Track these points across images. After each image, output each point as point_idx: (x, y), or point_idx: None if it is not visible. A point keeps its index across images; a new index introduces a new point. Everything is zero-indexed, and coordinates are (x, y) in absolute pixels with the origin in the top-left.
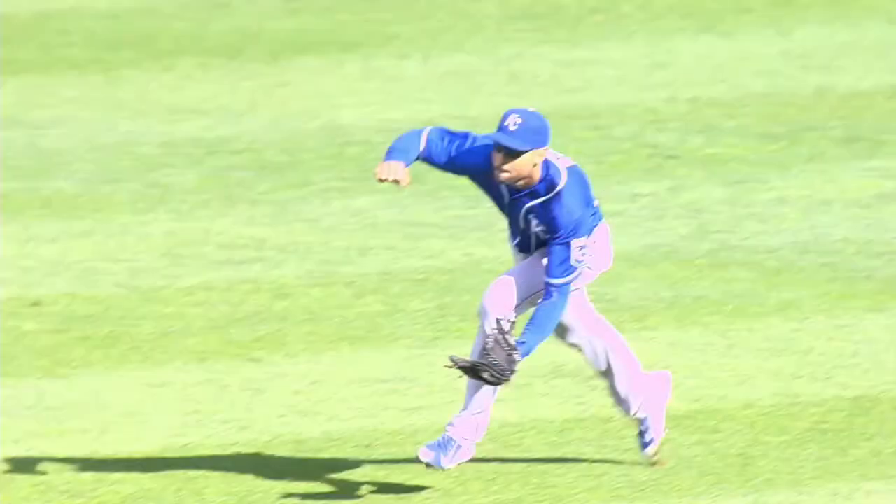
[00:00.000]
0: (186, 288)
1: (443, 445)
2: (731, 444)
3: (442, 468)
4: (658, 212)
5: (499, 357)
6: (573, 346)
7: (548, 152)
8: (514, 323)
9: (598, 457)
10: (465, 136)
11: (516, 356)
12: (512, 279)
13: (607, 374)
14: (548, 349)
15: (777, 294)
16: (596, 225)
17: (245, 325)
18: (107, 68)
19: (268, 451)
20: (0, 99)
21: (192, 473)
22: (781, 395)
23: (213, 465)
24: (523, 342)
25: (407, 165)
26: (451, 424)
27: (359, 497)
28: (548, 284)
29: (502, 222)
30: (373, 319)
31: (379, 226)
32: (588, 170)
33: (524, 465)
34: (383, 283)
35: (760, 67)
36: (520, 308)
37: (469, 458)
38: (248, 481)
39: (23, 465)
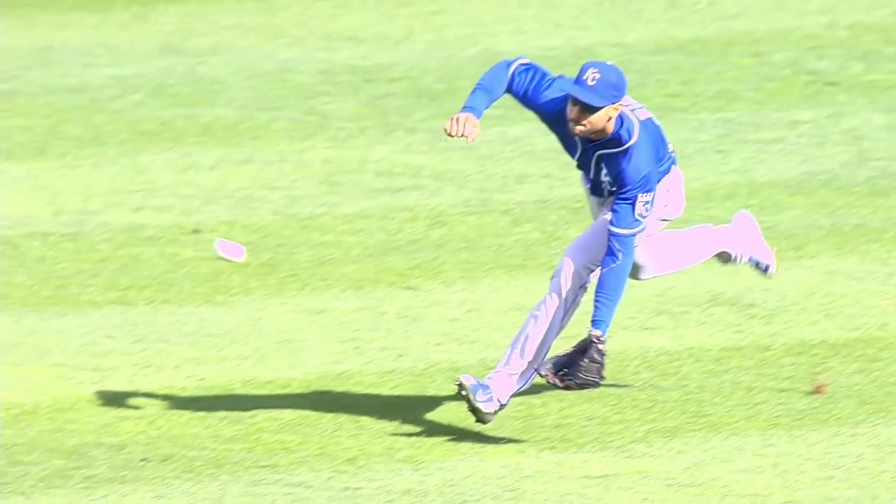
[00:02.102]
0: (344, 216)
1: (483, 386)
2: (891, 373)
3: (474, 397)
4: (818, 139)
5: (591, 372)
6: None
7: (624, 104)
8: (587, 287)
9: (755, 385)
10: (550, 79)
11: (604, 360)
12: (588, 243)
13: (701, 261)
14: (704, 277)
15: None
16: (668, 172)
17: (402, 252)
18: None
19: (424, 379)
20: (160, 27)
21: (349, 401)
22: None
23: (370, 393)
24: (600, 320)
25: (486, 109)
26: (489, 377)
27: (515, 424)
28: (611, 235)
29: None
30: (529, 247)
31: (535, 154)
32: (747, 97)
33: (681, 393)
34: (540, 210)
35: None
36: (594, 274)
37: (496, 410)
38: (405, 409)
39: (182, 392)
